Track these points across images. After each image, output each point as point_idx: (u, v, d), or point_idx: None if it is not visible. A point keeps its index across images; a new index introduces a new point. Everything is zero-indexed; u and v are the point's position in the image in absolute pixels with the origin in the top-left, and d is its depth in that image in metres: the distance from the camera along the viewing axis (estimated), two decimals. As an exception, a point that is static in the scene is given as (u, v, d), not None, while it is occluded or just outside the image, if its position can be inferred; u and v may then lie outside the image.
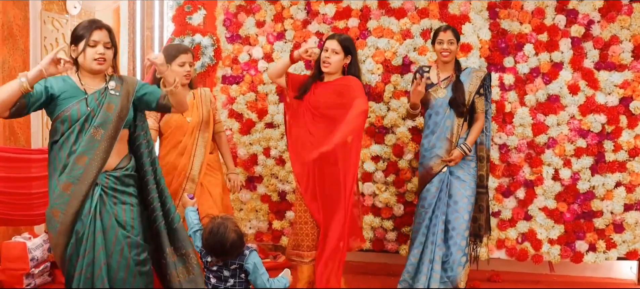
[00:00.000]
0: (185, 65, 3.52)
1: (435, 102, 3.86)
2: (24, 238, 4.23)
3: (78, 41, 2.76)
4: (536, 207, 4.44)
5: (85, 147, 2.71)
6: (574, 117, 4.36)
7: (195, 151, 3.59)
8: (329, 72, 3.73)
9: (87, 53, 2.74)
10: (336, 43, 3.69)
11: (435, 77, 3.91)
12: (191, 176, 3.57)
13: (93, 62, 2.75)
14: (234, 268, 2.63)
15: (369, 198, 4.59)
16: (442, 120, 3.83)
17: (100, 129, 2.74)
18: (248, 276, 2.64)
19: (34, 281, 4.18)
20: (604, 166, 4.33)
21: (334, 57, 3.68)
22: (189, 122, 3.57)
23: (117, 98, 2.82)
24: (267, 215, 4.81)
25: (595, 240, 4.39)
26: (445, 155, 3.81)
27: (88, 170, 2.72)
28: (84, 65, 2.77)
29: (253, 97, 4.75)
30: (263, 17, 4.74)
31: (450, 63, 3.87)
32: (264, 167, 4.74)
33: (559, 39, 4.36)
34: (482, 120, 3.87)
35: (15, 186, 3.71)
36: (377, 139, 4.57)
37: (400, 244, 4.59)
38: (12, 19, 4.32)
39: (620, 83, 4.30)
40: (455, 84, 3.84)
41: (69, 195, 2.70)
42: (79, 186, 2.70)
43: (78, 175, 2.70)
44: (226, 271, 2.64)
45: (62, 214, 2.70)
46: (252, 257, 2.64)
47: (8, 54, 4.28)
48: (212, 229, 2.65)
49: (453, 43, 3.81)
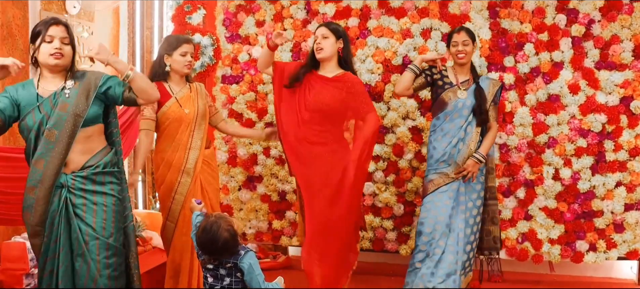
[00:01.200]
0: (187, 55, 3.53)
1: (455, 103, 3.71)
2: (24, 238, 4.22)
3: (35, 38, 2.73)
4: (536, 207, 4.43)
5: (41, 150, 2.72)
6: (574, 117, 4.35)
7: (191, 144, 3.56)
8: (323, 58, 3.62)
9: (44, 49, 2.71)
10: (325, 28, 3.62)
11: (454, 78, 3.79)
12: (186, 169, 3.54)
13: (49, 57, 2.70)
14: (229, 266, 2.59)
15: (369, 197, 4.58)
16: (464, 124, 3.70)
17: (54, 130, 2.71)
18: (244, 276, 2.59)
19: (34, 281, 4.17)
20: (604, 166, 4.33)
21: (325, 42, 3.60)
22: (187, 113, 3.54)
23: (73, 96, 2.76)
24: (267, 215, 4.80)
25: (596, 239, 4.38)
26: (463, 162, 3.68)
27: (46, 173, 2.71)
28: (42, 63, 2.75)
29: (253, 96, 4.74)
30: (263, 16, 4.74)
31: (466, 65, 3.78)
32: (264, 167, 4.74)
33: (559, 39, 4.35)
34: (495, 129, 3.78)
35: (15, 186, 3.68)
36: (377, 139, 4.56)
37: (400, 244, 4.58)
38: (12, 18, 4.31)
39: (620, 82, 4.29)
40: (477, 90, 3.72)
41: (33, 197, 2.73)
42: (41, 189, 2.72)
43: (38, 178, 2.72)
44: (222, 270, 2.60)
45: (31, 216, 2.75)
46: (248, 257, 2.59)
47: (7, 54, 4.27)
48: (205, 227, 2.60)
49: (468, 44, 3.70)
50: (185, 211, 3.51)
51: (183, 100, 3.56)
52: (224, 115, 3.97)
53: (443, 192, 3.71)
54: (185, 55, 3.53)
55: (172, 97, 3.54)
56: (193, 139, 3.56)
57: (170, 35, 3.91)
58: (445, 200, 3.69)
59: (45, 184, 2.72)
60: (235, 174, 4.80)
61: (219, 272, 2.61)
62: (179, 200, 3.54)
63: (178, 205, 3.54)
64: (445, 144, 3.72)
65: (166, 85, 3.57)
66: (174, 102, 3.53)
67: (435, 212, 3.70)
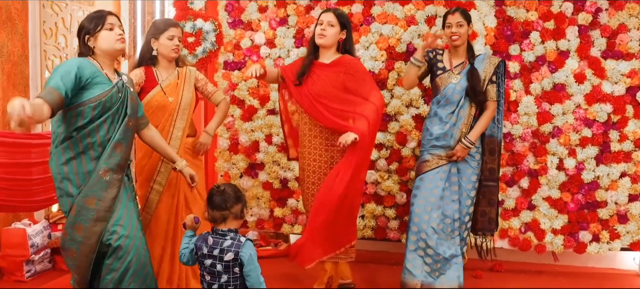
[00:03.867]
0: (174, 39, 3.46)
1: (446, 89, 3.68)
2: (24, 225, 4.21)
3: (96, 28, 2.77)
4: (540, 197, 4.40)
5: (122, 135, 2.76)
6: (579, 106, 4.31)
7: (173, 133, 3.47)
8: (324, 45, 3.58)
9: (108, 36, 2.78)
10: (332, 15, 3.57)
11: (447, 63, 3.74)
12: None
13: (116, 42, 2.79)
14: (227, 260, 2.53)
15: (372, 186, 4.56)
16: (455, 109, 3.66)
17: (131, 119, 2.81)
18: (243, 268, 2.54)
19: (34, 268, 4.16)
20: (609, 157, 4.30)
21: (330, 30, 3.56)
22: (170, 102, 3.47)
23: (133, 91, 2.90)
24: (269, 203, 4.78)
25: (599, 230, 4.36)
26: (455, 146, 3.67)
27: (124, 158, 2.77)
28: (105, 50, 2.79)
29: (255, 83, 4.70)
30: (266, 2, 4.68)
31: (461, 47, 3.70)
32: (266, 154, 4.70)
33: (565, 27, 4.30)
34: (492, 109, 3.70)
35: (15, 172, 3.67)
36: (380, 127, 4.52)
37: (402, 233, 4.56)
38: (11, 2, 4.25)
39: (627, 72, 4.25)
40: (470, 72, 3.65)
41: (107, 181, 2.70)
42: (116, 174, 2.74)
43: (116, 162, 2.74)
44: (219, 266, 2.55)
45: (99, 201, 2.69)
46: (248, 247, 2.55)
47: (7, 38, 4.23)
48: (213, 189, 2.66)
49: (462, 25, 3.63)
50: (163, 205, 3.44)
51: (168, 88, 3.48)
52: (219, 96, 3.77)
53: (435, 173, 3.71)
54: (173, 38, 3.46)
55: (158, 84, 3.47)
56: (174, 128, 3.47)
57: (158, 19, 3.82)
58: (437, 181, 3.70)
59: (121, 169, 2.78)
60: (236, 161, 4.77)
61: (215, 269, 2.55)
62: (157, 191, 3.44)
63: (156, 195, 3.44)
64: (438, 128, 3.71)
65: (154, 71, 3.51)
66: (158, 90, 3.46)
67: (426, 193, 3.70)
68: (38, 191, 3.83)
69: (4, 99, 4.20)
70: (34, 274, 4.16)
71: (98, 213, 2.69)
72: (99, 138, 2.70)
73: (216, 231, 2.60)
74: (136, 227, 2.81)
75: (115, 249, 2.69)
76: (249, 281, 2.55)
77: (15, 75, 4.31)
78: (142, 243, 2.81)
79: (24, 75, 4.36)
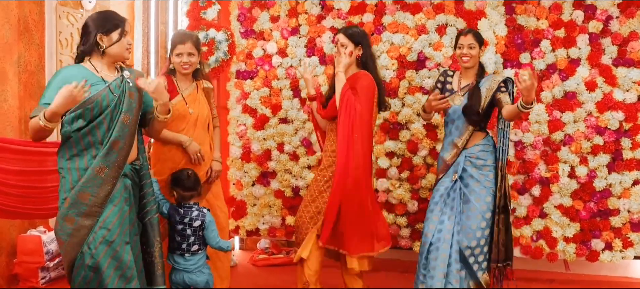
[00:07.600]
0: (182, 56, 3.48)
1: (451, 110, 3.61)
2: (39, 232, 4.26)
3: (114, 29, 2.82)
4: (552, 205, 4.39)
5: (119, 132, 2.77)
6: (591, 114, 4.31)
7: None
8: (341, 69, 3.58)
9: (122, 42, 2.83)
10: (342, 36, 3.60)
11: (456, 84, 3.69)
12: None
13: (125, 51, 2.86)
14: (195, 226, 3.25)
15: (383, 194, 4.57)
16: (455, 127, 3.61)
17: (128, 115, 2.81)
18: (205, 231, 3.27)
19: (49, 275, 4.20)
20: (621, 164, 4.28)
21: (342, 50, 3.58)
22: (191, 113, 3.52)
23: (134, 87, 2.88)
24: (281, 211, 4.80)
25: (612, 238, 4.34)
26: (450, 160, 3.59)
27: (121, 155, 2.78)
28: (115, 54, 2.83)
29: (267, 92, 4.75)
30: (277, 12, 4.73)
31: (472, 69, 3.62)
32: (278, 163, 4.74)
33: (576, 35, 4.31)
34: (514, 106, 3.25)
35: (30, 180, 3.72)
36: (392, 135, 4.55)
37: (413, 241, 4.57)
38: (28, 13, 4.33)
39: (638, 80, 4.24)
40: (472, 91, 3.56)
41: (102, 178, 2.73)
42: (112, 171, 2.75)
43: (113, 159, 2.75)
44: (188, 230, 3.26)
45: (93, 197, 2.73)
46: (209, 215, 3.31)
47: (24, 49, 4.30)
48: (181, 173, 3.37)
49: (473, 47, 3.56)
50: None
51: (189, 98, 3.54)
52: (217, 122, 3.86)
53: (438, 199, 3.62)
54: (181, 55, 3.48)
55: (179, 93, 3.51)
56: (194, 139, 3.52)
57: (174, 33, 3.85)
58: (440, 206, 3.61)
59: (117, 167, 2.77)
60: (249, 169, 4.80)
61: (186, 233, 3.26)
62: None
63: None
64: (445, 144, 3.69)
65: (174, 80, 3.55)
66: (180, 99, 3.50)
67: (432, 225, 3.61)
68: (53, 199, 3.86)
69: (21, 108, 4.27)
70: (49, 281, 4.20)
71: (90, 208, 2.73)
72: (100, 136, 2.75)
73: (183, 205, 3.31)
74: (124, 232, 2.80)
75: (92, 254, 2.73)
76: (210, 239, 3.29)
77: (31, 85, 4.39)
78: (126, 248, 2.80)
79: (41, 85, 4.42)
